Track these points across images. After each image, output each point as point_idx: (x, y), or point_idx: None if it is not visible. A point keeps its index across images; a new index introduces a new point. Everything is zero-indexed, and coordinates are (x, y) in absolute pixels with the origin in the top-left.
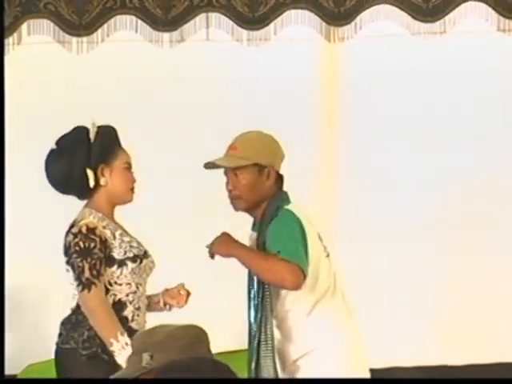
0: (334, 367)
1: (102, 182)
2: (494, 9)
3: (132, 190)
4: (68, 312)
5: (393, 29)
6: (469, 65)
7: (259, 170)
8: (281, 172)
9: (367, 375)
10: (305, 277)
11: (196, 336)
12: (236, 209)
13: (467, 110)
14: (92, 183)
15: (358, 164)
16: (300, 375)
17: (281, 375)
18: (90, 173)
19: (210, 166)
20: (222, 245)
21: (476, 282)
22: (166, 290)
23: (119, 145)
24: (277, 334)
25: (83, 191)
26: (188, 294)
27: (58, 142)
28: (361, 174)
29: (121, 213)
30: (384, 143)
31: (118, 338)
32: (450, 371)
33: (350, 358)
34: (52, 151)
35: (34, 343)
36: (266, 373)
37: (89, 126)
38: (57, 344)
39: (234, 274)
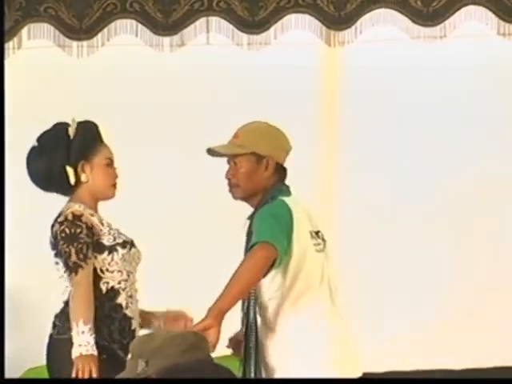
0: (313, 363)
1: (83, 178)
2: (494, 13)
3: (114, 185)
4: (61, 306)
5: (393, 33)
6: (469, 69)
7: (257, 160)
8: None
9: (353, 375)
10: (276, 249)
11: (194, 342)
12: (234, 197)
13: (468, 113)
14: (73, 180)
15: (359, 167)
16: (280, 369)
17: (262, 366)
18: (69, 170)
19: (210, 153)
20: (206, 319)
21: (477, 286)
22: (167, 313)
23: (101, 140)
24: (260, 322)
25: (65, 188)
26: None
27: (38, 139)
28: (361, 176)
29: (119, 209)
30: (384, 146)
31: (79, 323)
32: (450, 375)
33: (329, 355)
34: (33, 148)
35: (35, 346)
36: (249, 361)
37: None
38: (51, 335)
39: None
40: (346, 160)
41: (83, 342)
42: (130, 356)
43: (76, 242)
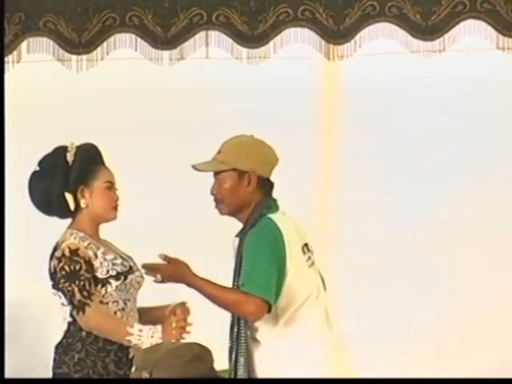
0: (307, 376)
1: (83, 203)
2: (493, 27)
3: (115, 208)
4: (61, 335)
5: (392, 47)
6: (468, 82)
7: (239, 176)
8: (279, 181)
9: None
10: (270, 307)
11: (198, 354)
12: (221, 213)
13: (467, 127)
14: (72, 206)
15: (359, 179)
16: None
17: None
18: (69, 197)
19: (195, 169)
20: (178, 272)
21: (477, 295)
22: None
23: (101, 163)
24: (250, 338)
25: (65, 213)
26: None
27: (40, 163)
28: (361, 188)
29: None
30: (384, 160)
31: (131, 332)
32: None
33: (324, 370)
34: (34, 173)
35: (35, 360)
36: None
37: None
38: (52, 369)
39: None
40: (346, 172)
41: (147, 333)
42: (133, 368)
43: (77, 280)
